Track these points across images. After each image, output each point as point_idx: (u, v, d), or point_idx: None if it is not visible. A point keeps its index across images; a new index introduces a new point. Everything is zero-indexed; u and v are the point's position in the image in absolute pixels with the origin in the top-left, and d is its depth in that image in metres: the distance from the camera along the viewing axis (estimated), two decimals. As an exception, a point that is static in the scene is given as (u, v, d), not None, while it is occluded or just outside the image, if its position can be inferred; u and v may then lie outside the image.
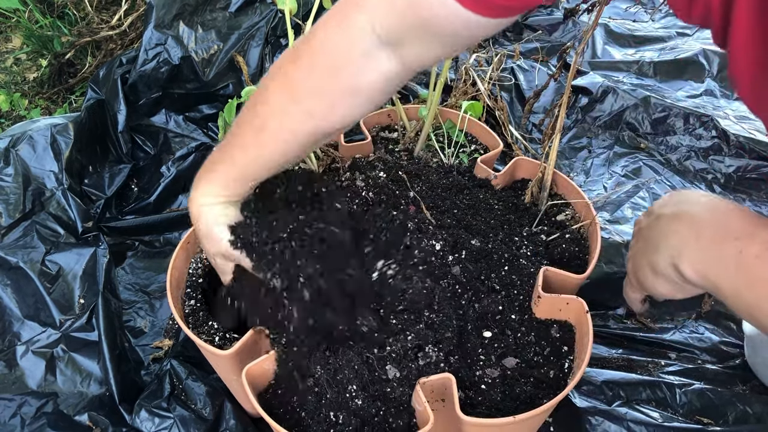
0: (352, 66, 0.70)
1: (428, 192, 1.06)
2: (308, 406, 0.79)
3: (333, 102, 0.72)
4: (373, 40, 0.68)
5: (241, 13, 1.56)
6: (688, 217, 0.64)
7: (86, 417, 0.98)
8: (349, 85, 0.71)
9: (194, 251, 1.01)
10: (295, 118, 0.74)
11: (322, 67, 0.71)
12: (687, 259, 0.62)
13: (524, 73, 1.67)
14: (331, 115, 0.73)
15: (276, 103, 0.74)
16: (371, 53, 0.69)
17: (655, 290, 0.70)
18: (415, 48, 0.68)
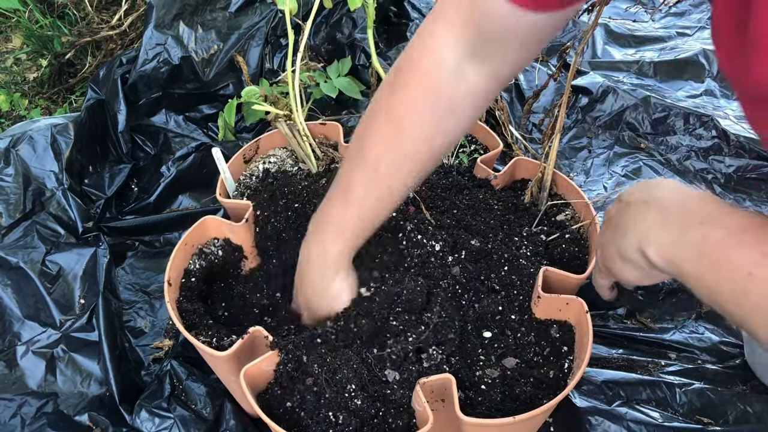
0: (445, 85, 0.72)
1: (428, 192, 1.06)
2: (307, 406, 0.79)
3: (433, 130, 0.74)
4: (457, 54, 0.70)
5: (241, 13, 1.56)
6: (655, 203, 0.64)
7: (86, 417, 0.98)
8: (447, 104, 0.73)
9: (193, 252, 1.01)
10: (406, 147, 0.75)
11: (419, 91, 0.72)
12: (653, 244, 0.62)
13: (524, 73, 1.67)
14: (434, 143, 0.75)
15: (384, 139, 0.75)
16: (459, 68, 0.71)
17: (622, 276, 0.70)
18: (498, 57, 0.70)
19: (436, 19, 0.71)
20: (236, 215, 1.09)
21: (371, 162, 0.76)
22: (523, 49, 0.69)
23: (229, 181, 1.14)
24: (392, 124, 0.74)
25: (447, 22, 0.70)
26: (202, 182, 1.44)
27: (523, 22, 0.63)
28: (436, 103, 0.73)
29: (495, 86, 0.74)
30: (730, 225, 0.56)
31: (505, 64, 0.71)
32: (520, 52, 0.69)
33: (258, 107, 1.07)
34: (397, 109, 0.74)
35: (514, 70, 0.73)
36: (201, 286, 0.98)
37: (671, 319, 1.15)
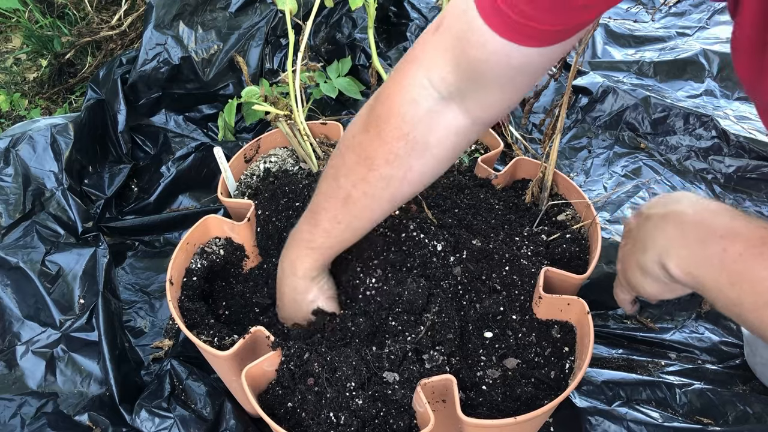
0: (419, 127, 0.70)
1: (429, 191, 1.06)
2: (308, 406, 0.79)
3: (407, 164, 0.73)
4: (434, 96, 0.68)
5: (241, 13, 1.56)
6: (675, 217, 0.64)
7: (86, 417, 0.98)
8: (420, 146, 0.72)
9: (194, 251, 1.01)
10: (377, 185, 0.75)
11: (391, 133, 0.71)
12: (673, 257, 0.63)
13: (524, 73, 1.67)
14: (408, 176, 0.74)
15: (355, 174, 0.76)
16: (435, 110, 0.69)
17: (643, 290, 0.71)
18: (476, 98, 0.68)
19: (413, 59, 0.69)
20: (237, 215, 1.09)
21: (342, 194, 0.78)
22: (506, 88, 0.66)
23: (230, 180, 1.14)
24: (364, 165, 0.74)
25: (426, 62, 0.68)
26: (202, 182, 1.44)
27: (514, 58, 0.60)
28: (411, 147, 0.72)
29: (475, 129, 0.72)
30: (750, 238, 0.56)
31: (485, 107, 0.69)
32: (503, 92, 0.67)
33: (258, 107, 1.07)
34: (370, 152, 0.73)
35: (494, 114, 0.71)
36: (202, 286, 0.98)
37: (671, 319, 1.15)
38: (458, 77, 0.66)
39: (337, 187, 0.78)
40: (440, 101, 0.69)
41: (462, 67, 0.64)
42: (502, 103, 0.69)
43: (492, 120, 0.72)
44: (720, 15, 1.83)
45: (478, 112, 0.69)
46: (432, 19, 1.75)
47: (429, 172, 0.76)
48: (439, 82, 0.67)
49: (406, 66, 0.70)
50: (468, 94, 0.67)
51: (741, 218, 0.59)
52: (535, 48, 0.60)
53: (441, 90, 0.68)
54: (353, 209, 0.78)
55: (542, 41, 0.59)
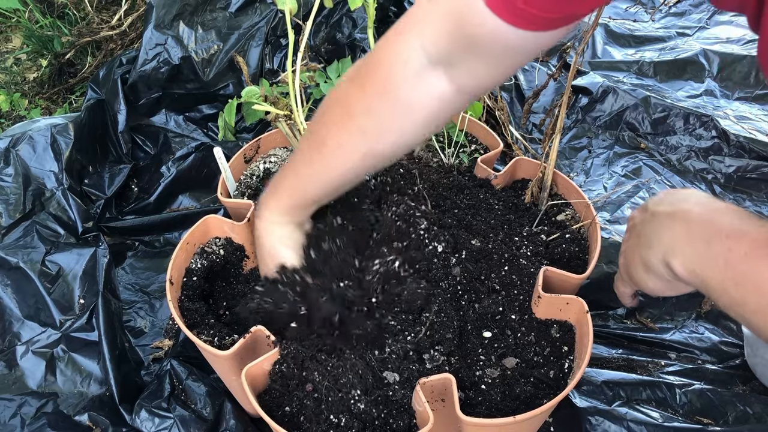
0: (403, 85, 0.70)
1: (429, 191, 1.06)
2: (308, 407, 0.79)
3: (384, 122, 0.73)
4: (423, 59, 0.69)
5: (241, 13, 1.56)
6: (681, 216, 0.64)
7: (86, 417, 0.98)
8: (400, 105, 0.72)
9: (194, 251, 1.01)
10: (351, 137, 0.75)
11: (375, 86, 0.72)
12: (678, 256, 0.63)
13: (524, 73, 1.67)
14: (383, 135, 0.74)
15: (333, 121, 0.76)
16: (422, 73, 0.69)
17: (645, 286, 0.71)
18: (465, 68, 0.68)
19: (407, 22, 0.70)
20: (237, 215, 1.09)
21: (318, 139, 0.78)
22: (497, 65, 0.67)
23: (230, 180, 1.14)
24: (344, 114, 0.75)
25: (419, 26, 0.68)
26: (202, 182, 1.44)
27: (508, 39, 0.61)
28: (392, 104, 0.72)
29: (459, 98, 0.72)
30: (756, 238, 0.56)
31: (472, 77, 0.69)
32: (492, 67, 0.67)
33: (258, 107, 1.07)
34: (351, 102, 0.74)
35: (480, 85, 0.71)
36: (202, 286, 0.98)
37: (671, 319, 1.15)
38: (450, 45, 0.66)
39: (316, 132, 0.79)
40: (428, 65, 0.69)
41: (455, 37, 0.65)
42: (489, 77, 0.69)
43: (476, 92, 0.72)
44: (720, 15, 1.83)
45: (464, 81, 0.69)
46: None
47: (406, 135, 0.75)
48: (431, 46, 0.67)
49: (401, 26, 0.70)
50: (457, 62, 0.67)
51: (747, 218, 0.59)
52: (531, 32, 0.60)
53: (431, 53, 0.68)
54: (326, 157, 0.78)
55: (539, 26, 0.60)
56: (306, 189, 0.83)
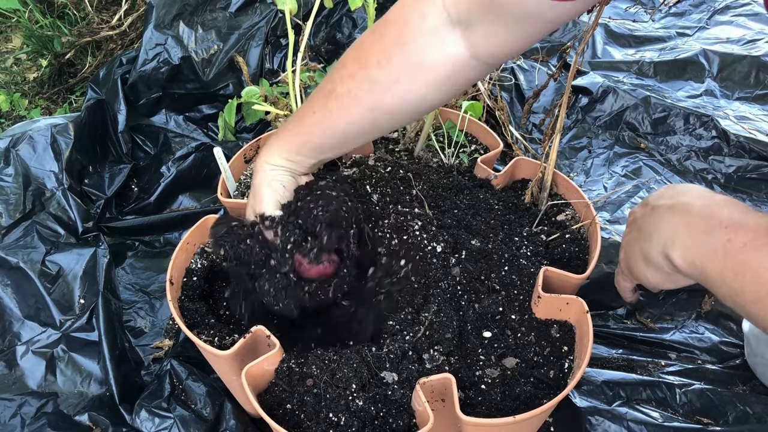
0: (419, 40, 0.69)
1: (429, 192, 1.06)
2: (308, 403, 0.79)
3: (396, 74, 0.72)
4: (442, 16, 0.67)
5: (241, 13, 1.56)
6: (681, 208, 0.65)
7: (86, 417, 0.98)
8: (414, 60, 0.70)
9: (194, 251, 1.01)
10: (361, 85, 0.74)
11: (391, 38, 0.71)
12: (677, 247, 0.63)
13: (524, 73, 1.67)
14: (393, 88, 0.72)
15: (346, 69, 0.75)
16: (439, 31, 0.68)
17: (645, 279, 0.71)
18: (485, 32, 0.66)
19: None
20: (237, 215, 1.09)
21: (329, 87, 0.76)
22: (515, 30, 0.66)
23: (230, 180, 1.14)
24: (357, 62, 0.74)
25: None
26: (202, 182, 1.44)
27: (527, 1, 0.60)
28: (404, 58, 0.70)
29: (472, 64, 0.70)
30: (755, 229, 0.57)
31: (489, 42, 0.68)
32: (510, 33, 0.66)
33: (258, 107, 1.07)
34: (366, 50, 0.73)
35: (495, 52, 0.69)
36: (202, 286, 0.98)
37: (671, 319, 1.15)
38: (471, 5, 0.65)
39: (329, 79, 0.77)
40: (447, 23, 0.68)
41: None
42: (505, 43, 0.68)
43: (490, 59, 0.71)
44: (720, 15, 1.83)
45: (481, 45, 0.68)
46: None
47: (414, 94, 0.73)
48: (451, 4, 0.66)
49: None
50: (476, 24, 0.66)
51: (746, 211, 0.59)
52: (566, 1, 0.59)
53: (451, 12, 0.67)
54: (332, 103, 0.76)
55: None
56: (308, 136, 0.81)
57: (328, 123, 0.78)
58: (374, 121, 0.77)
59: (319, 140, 0.81)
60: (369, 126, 0.78)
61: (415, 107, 0.76)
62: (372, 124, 0.78)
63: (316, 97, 0.78)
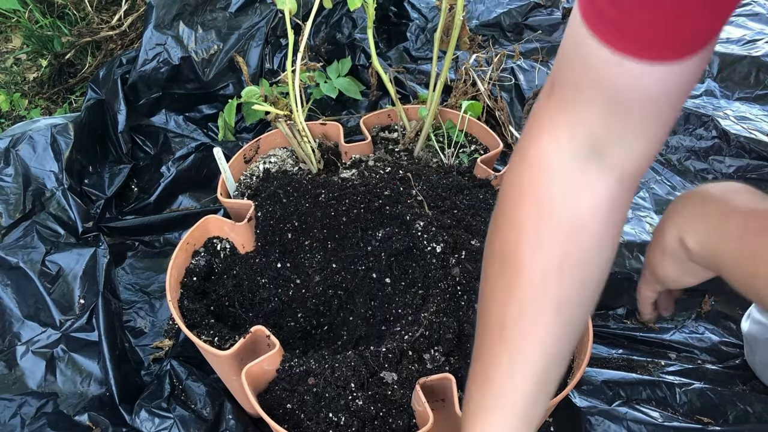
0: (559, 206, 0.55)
1: (428, 192, 1.06)
2: (308, 406, 0.79)
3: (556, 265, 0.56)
4: (567, 160, 0.55)
5: (241, 14, 1.56)
6: (697, 194, 0.64)
7: (86, 417, 0.98)
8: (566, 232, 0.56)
9: (194, 251, 1.01)
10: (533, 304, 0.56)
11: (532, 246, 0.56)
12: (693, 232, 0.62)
13: (524, 73, 1.66)
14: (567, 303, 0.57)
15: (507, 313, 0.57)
16: (572, 179, 0.55)
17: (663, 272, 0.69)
18: (618, 144, 0.54)
19: (532, 125, 0.57)
20: (237, 215, 1.09)
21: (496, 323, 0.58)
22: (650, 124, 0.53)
23: (230, 180, 1.14)
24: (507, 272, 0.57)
25: (550, 120, 0.55)
26: (202, 182, 1.44)
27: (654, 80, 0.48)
28: (555, 233, 0.56)
29: (624, 189, 0.57)
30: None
31: (628, 153, 0.55)
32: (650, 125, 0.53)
33: (258, 107, 1.07)
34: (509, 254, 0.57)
35: (637, 159, 0.56)
36: (203, 286, 0.98)
37: (671, 319, 1.15)
38: (596, 121, 0.53)
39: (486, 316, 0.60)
40: (574, 163, 0.55)
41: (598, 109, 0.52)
42: (651, 144, 0.55)
43: (639, 170, 0.57)
44: (720, 15, 1.83)
45: (622, 163, 0.55)
46: (432, 19, 1.75)
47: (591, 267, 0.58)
48: (571, 140, 0.54)
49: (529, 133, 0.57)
50: (611, 142, 0.54)
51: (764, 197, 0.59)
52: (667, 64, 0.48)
53: (573, 147, 0.55)
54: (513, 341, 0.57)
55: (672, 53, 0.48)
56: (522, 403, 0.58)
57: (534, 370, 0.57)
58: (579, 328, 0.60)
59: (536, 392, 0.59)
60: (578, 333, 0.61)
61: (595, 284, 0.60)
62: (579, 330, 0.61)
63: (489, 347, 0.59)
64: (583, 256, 0.57)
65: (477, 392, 0.60)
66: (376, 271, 0.93)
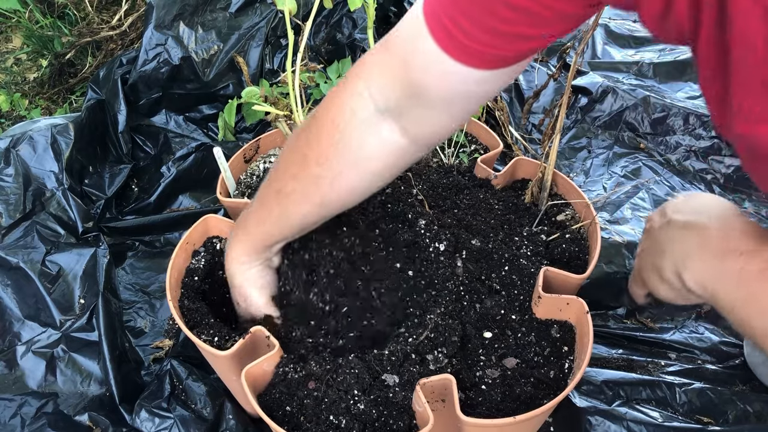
0: (353, 135, 0.69)
1: (429, 192, 1.06)
2: (308, 406, 0.79)
3: (336, 172, 0.72)
4: (370, 108, 0.67)
5: (241, 14, 1.56)
6: (696, 228, 0.64)
7: (86, 417, 0.98)
8: (351, 156, 0.71)
9: (194, 251, 1.01)
10: (307, 185, 0.75)
11: (325, 136, 0.71)
12: (690, 269, 0.63)
13: (524, 73, 1.67)
14: (336, 185, 0.73)
15: (289, 169, 0.76)
16: (370, 122, 0.68)
17: (658, 293, 0.71)
18: (417, 118, 0.66)
19: (357, 73, 0.68)
20: (237, 215, 1.09)
21: (276, 186, 0.78)
22: (447, 112, 0.65)
23: (230, 180, 1.14)
24: (298, 163, 0.74)
25: (367, 73, 0.66)
26: (202, 182, 1.44)
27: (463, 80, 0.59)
28: (341, 154, 0.70)
29: (414, 148, 0.70)
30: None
31: (424, 127, 0.67)
32: (443, 115, 0.65)
33: (258, 107, 1.07)
34: (305, 151, 0.73)
35: (431, 135, 0.69)
36: (203, 286, 0.98)
37: (671, 319, 1.15)
38: (397, 93, 0.64)
39: (274, 178, 0.79)
40: (376, 114, 0.67)
41: (402, 84, 0.63)
42: (439, 125, 0.67)
43: (429, 141, 0.71)
44: (720, 15, 1.83)
45: (416, 131, 0.68)
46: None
47: (360, 186, 0.74)
48: (377, 95, 0.66)
49: (351, 75, 0.69)
50: (406, 112, 0.66)
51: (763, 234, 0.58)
52: (488, 71, 0.58)
53: (378, 103, 0.67)
54: (283, 203, 0.78)
55: (494, 64, 0.57)
56: (270, 232, 0.83)
57: (283, 220, 0.80)
58: (328, 212, 0.79)
59: (281, 234, 0.83)
60: (323, 215, 0.80)
61: (364, 193, 0.76)
62: (326, 213, 0.79)
63: (268, 195, 0.80)
64: (353, 180, 0.72)
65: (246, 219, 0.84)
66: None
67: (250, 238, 0.84)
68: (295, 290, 0.87)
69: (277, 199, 0.78)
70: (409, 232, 0.93)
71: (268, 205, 0.80)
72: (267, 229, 0.82)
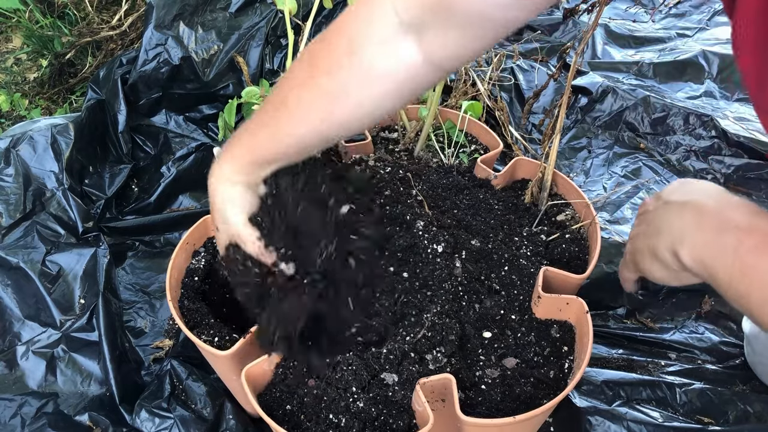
0: (369, 49, 0.67)
1: (429, 192, 1.06)
2: (308, 407, 0.79)
3: (347, 84, 0.69)
4: (394, 23, 0.65)
5: (241, 14, 1.56)
6: (693, 206, 0.64)
7: (86, 417, 0.98)
8: (363, 69, 0.68)
9: (194, 251, 1.01)
10: (312, 96, 0.71)
11: (341, 47, 0.68)
12: (687, 245, 0.63)
13: (524, 74, 1.67)
14: (343, 99, 0.70)
15: (297, 78, 0.72)
16: (391, 38, 0.66)
17: (651, 274, 0.70)
18: (438, 36, 0.64)
19: None
20: (236, 215, 1.09)
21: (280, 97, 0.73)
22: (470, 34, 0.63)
23: (229, 181, 1.14)
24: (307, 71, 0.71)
25: None
26: (202, 182, 1.44)
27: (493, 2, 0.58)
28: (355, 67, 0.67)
29: (426, 70, 0.68)
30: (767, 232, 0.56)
31: (443, 47, 0.65)
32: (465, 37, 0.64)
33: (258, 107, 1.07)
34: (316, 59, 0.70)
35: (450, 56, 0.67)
36: (203, 286, 0.98)
37: (671, 319, 1.15)
38: (424, 8, 0.63)
39: (279, 89, 0.75)
40: (399, 30, 0.65)
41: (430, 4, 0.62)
42: (460, 47, 0.65)
43: (446, 63, 0.68)
44: (720, 16, 1.83)
45: (435, 50, 0.66)
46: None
47: (366, 104, 0.70)
48: (403, 10, 0.64)
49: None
50: (429, 28, 0.64)
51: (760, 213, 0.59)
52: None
53: (403, 18, 0.65)
54: (283, 116, 0.73)
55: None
56: (261, 147, 0.77)
57: (280, 135, 0.75)
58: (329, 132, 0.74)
59: (273, 152, 0.78)
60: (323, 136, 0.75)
61: (369, 117, 0.73)
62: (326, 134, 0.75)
63: (266, 110, 0.76)
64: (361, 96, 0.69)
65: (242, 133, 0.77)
66: None
67: (240, 154, 0.78)
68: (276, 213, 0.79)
69: (277, 110, 0.73)
70: (406, 235, 0.93)
71: (266, 119, 0.75)
72: (260, 144, 0.77)
